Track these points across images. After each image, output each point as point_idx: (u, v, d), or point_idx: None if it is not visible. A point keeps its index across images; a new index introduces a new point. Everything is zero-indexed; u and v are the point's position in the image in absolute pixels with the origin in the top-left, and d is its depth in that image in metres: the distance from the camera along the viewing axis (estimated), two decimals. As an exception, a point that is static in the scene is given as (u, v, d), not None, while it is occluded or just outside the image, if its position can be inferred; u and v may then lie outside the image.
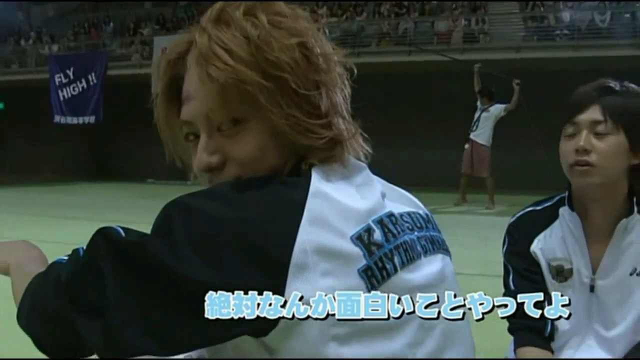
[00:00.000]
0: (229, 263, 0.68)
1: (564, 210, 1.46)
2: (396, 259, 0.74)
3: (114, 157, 16.87)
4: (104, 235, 0.74)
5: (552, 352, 1.40)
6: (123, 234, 0.73)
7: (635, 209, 1.39)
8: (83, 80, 15.25)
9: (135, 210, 7.90)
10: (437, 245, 0.85)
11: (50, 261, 0.88)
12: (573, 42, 12.54)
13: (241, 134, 0.77)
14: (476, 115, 8.53)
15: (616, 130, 1.34)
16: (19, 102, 17.54)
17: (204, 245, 0.68)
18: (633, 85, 1.41)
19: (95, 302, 0.71)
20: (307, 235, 0.69)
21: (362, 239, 0.72)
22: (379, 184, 0.83)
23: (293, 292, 0.67)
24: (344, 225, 0.71)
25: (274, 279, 0.68)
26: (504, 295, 1.44)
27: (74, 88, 15.40)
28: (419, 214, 0.85)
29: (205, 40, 0.76)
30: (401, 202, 0.85)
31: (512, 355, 1.45)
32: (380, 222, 0.75)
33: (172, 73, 0.82)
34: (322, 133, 0.77)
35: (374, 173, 0.87)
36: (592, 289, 1.42)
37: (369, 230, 0.73)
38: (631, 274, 1.39)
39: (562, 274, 1.45)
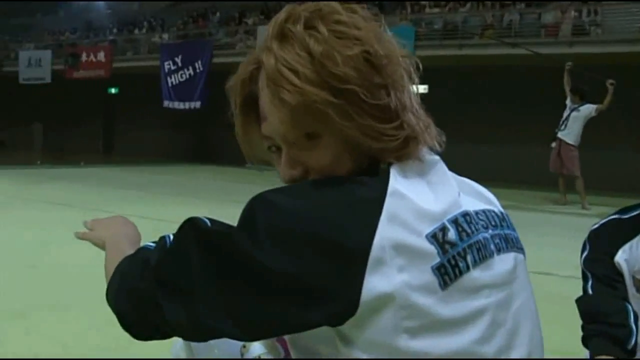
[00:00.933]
0: (307, 256, 0.72)
1: None
2: (469, 258, 0.76)
3: (215, 142, 17.54)
4: (192, 225, 0.78)
5: None
6: (209, 224, 0.77)
7: None
8: (190, 68, 15.96)
9: (229, 192, 8.24)
10: (511, 244, 0.85)
11: (146, 238, 0.95)
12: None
13: (317, 147, 0.81)
14: (565, 114, 8.13)
15: None
16: (131, 87, 18.65)
17: (282, 238, 0.72)
18: None
19: (182, 286, 0.76)
20: (385, 232, 0.72)
21: (437, 237, 0.74)
22: (454, 182, 0.83)
23: (370, 285, 0.71)
24: (420, 224, 0.74)
25: (351, 273, 0.71)
26: (578, 299, 1.38)
27: (181, 75, 16.15)
28: (493, 211, 0.86)
29: (272, 62, 0.78)
30: (476, 199, 0.86)
31: None
32: (455, 221, 0.77)
33: (246, 92, 0.85)
34: (396, 134, 0.79)
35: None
36: None
37: (443, 229, 0.75)
38: None
39: None
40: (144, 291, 0.80)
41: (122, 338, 0.85)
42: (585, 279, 1.41)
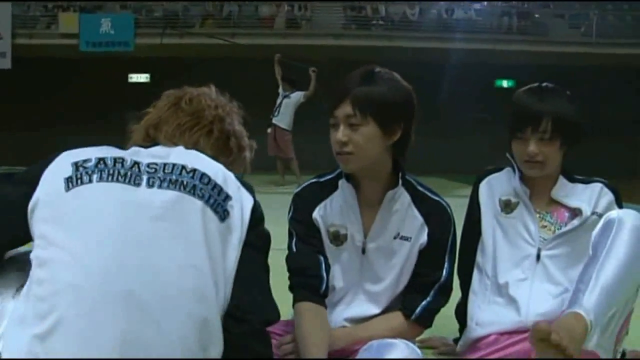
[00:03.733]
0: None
1: (342, 182, 1.61)
2: (94, 176, 1.09)
3: None
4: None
5: (326, 307, 1.57)
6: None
7: (400, 181, 1.57)
8: None
9: None
10: (179, 187, 1.10)
11: None
12: (387, 32, 13.39)
13: None
14: (278, 101, 8.81)
15: (366, 121, 1.49)
16: None
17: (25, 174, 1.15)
18: (387, 72, 1.55)
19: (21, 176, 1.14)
20: (51, 164, 1.11)
21: (77, 163, 1.11)
22: (131, 151, 1.17)
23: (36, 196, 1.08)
24: (75, 158, 1.11)
25: (32, 178, 1.10)
26: (287, 257, 1.62)
27: None
28: (180, 165, 1.13)
29: None
30: (165, 159, 1.14)
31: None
32: (101, 159, 1.12)
33: None
34: None
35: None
36: (363, 251, 1.60)
37: (86, 160, 1.11)
38: (395, 238, 1.58)
39: (338, 239, 1.61)
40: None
41: None
42: (290, 236, 1.64)
